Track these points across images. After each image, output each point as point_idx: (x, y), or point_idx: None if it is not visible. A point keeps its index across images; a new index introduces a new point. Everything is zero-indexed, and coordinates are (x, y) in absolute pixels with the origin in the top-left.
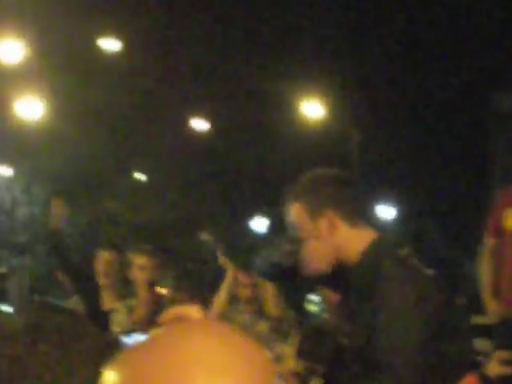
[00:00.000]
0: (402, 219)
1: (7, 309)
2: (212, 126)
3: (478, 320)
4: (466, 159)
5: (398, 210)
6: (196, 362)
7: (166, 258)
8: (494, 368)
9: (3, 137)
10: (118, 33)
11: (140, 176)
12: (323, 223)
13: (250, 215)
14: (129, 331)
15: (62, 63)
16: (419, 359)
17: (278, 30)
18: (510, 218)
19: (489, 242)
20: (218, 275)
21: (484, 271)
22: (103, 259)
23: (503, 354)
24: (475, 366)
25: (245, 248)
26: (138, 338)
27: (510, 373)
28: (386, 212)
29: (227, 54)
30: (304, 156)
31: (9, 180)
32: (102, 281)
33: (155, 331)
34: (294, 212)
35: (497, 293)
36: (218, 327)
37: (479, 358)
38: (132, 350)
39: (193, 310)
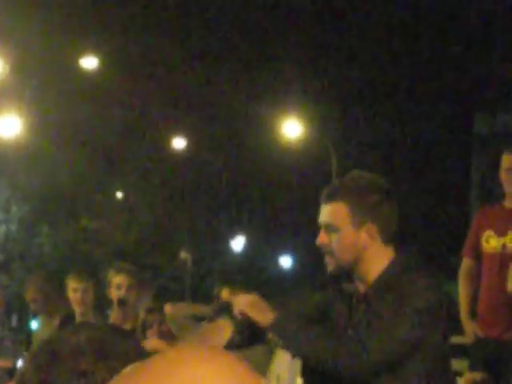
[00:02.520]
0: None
1: None
2: (191, 146)
3: (455, 340)
4: (447, 181)
5: None
6: None
7: (143, 277)
8: None
9: None
10: (96, 52)
11: (119, 195)
12: (363, 233)
13: (231, 234)
14: None
15: (41, 81)
16: (409, 355)
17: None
18: (488, 240)
19: (466, 262)
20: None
21: (461, 292)
22: (71, 288)
23: (473, 376)
24: None
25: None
26: None
27: None
28: None
29: (207, 74)
30: (283, 174)
31: None
32: (76, 309)
33: (151, 357)
34: (336, 212)
35: (473, 313)
36: (212, 353)
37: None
38: (126, 376)
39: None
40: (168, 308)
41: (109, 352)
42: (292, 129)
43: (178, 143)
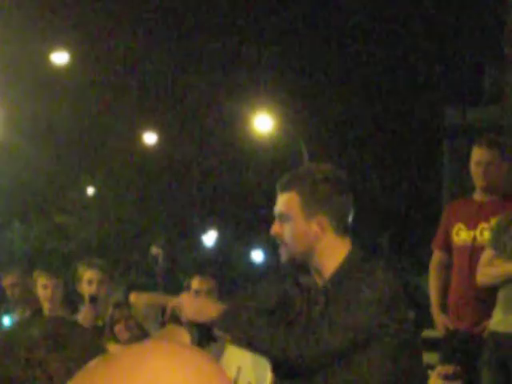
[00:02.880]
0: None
1: None
2: (162, 140)
3: (427, 333)
4: (419, 175)
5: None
6: (154, 383)
7: (114, 273)
8: (434, 382)
9: None
10: (68, 47)
11: (90, 190)
12: (314, 225)
13: (203, 229)
14: None
15: (11, 76)
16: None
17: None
18: (458, 233)
19: (436, 255)
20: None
21: (432, 285)
22: (40, 284)
23: (445, 369)
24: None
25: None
26: None
27: None
28: None
29: (179, 68)
30: (255, 168)
31: None
32: (44, 305)
33: (114, 352)
34: (288, 201)
35: (444, 306)
36: (176, 347)
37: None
38: (90, 370)
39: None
40: (132, 297)
41: (62, 343)
42: (264, 123)
43: (149, 138)
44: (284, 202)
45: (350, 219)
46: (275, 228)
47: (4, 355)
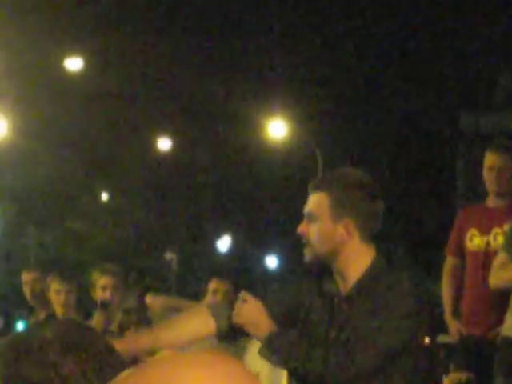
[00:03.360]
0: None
1: None
2: (177, 145)
3: (442, 339)
4: (432, 178)
5: None
6: None
7: (128, 278)
8: None
9: None
10: (83, 53)
11: (105, 196)
12: (341, 228)
13: (217, 235)
14: None
15: (27, 82)
16: (388, 365)
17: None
18: (471, 238)
19: (449, 261)
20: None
21: (445, 290)
22: (54, 289)
23: (457, 376)
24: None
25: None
26: None
27: None
28: None
29: (193, 75)
30: (269, 174)
31: None
32: (58, 310)
33: (146, 363)
34: (318, 201)
35: (458, 312)
36: (212, 358)
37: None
38: (126, 379)
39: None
40: (148, 298)
41: (76, 345)
42: (278, 129)
43: (164, 144)
44: (314, 201)
45: (377, 227)
46: (302, 227)
47: (18, 356)
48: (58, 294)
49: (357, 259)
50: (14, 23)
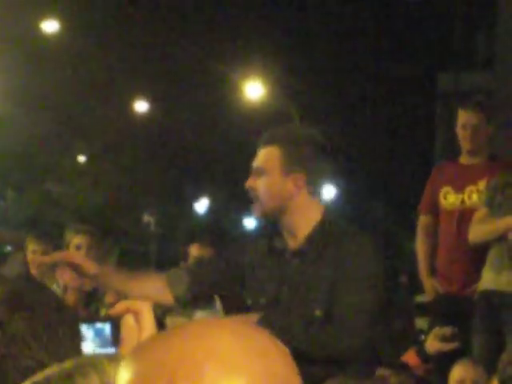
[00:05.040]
0: (343, 197)
1: None
2: (154, 108)
3: (417, 298)
4: (411, 137)
5: (340, 189)
6: (210, 356)
7: (105, 239)
8: (432, 345)
9: None
10: (59, 15)
11: (83, 158)
12: (290, 182)
13: (195, 197)
14: None
15: (2, 46)
16: (374, 319)
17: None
18: (446, 196)
19: (423, 220)
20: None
21: (419, 249)
22: (30, 250)
23: (441, 331)
24: (416, 343)
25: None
26: None
27: (448, 349)
28: (326, 192)
29: (169, 34)
30: (247, 136)
31: None
32: (33, 271)
33: (175, 327)
34: (268, 155)
35: (433, 271)
36: (240, 325)
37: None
38: (147, 343)
39: (143, 307)
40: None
41: (24, 303)
42: (255, 90)
43: (141, 106)
44: (264, 155)
45: (325, 183)
46: (250, 181)
47: None
48: (33, 254)
49: (305, 214)
50: None
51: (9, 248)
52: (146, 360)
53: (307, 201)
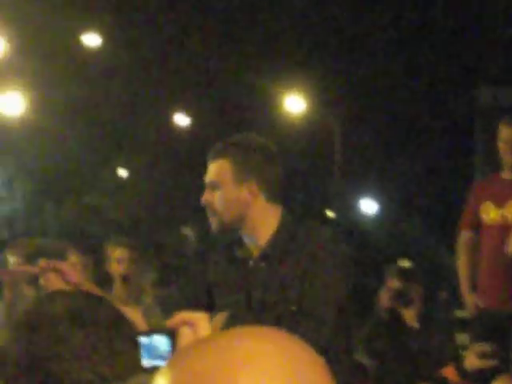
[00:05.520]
0: (383, 212)
1: None
2: (194, 121)
3: (458, 314)
4: (450, 153)
5: (380, 204)
6: (245, 366)
7: (145, 252)
8: (471, 361)
9: None
10: (99, 28)
11: (123, 171)
12: (245, 191)
13: None
14: None
15: (44, 58)
16: (340, 314)
17: (260, 27)
18: (487, 211)
19: (464, 234)
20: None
21: (460, 265)
22: (72, 262)
23: (481, 348)
24: (455, 358)
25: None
26: None
27: (487, 366)
28: (368, 205)
29: (210, 49)
30: (287, 149)
31: None
32: None
33: (209, 334)
34: (219, 168)
35: (474, 286)
36: (274, 333)
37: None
38: (183, 353)
39: (200, 318)
40: None
41: (85, 318)
42: (295, 104)
43: (182, 120)
44: (215, 169)
45: (280, 188)
46: (206, 196)
47: (27, 332)
48: (74, 266)
49: (265, 219)
50: (30, 1)
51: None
52: (183, 370)
53: (264, 206)
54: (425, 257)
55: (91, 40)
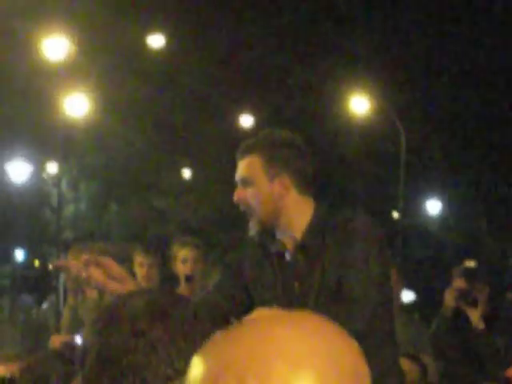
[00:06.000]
0: (448, 213)
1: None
2: (259, 123)
3: None
4: None
5: (445, 205)
6: (279, 354)
7: (210, 253)
8: None
9: (50, 133)
10: (164, 30)
11: (188, 172)
12: (277, 185)
13: None
14: None
15: (108, 60)
16: (382, 298)
17: (327, 29)
18: None
19: None
20: None
21: None
22: (137, 262)
23: None
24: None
25: None
26: None
27: None
28: (433, 206)
29: (275, 51)
30: (352, 151)
31: (56, 177)
32: (141, 283)
33: (241, 323)
34: (250, 164)
35: None
36: (304, 317)
37: None
38: (216, 341)
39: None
40: None
41: (165, 312)
42: (359, 105)
43: (246, 120)
44: (245, 166)
45: (311, 180)
46: (239, 193)
47: (109, 325)
48: (140, 267)
49: (299, 211)
50: (94, 1)
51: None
52: (216, 359)
53: (297, 198)
54: (492, 257)
55: (156, 41)
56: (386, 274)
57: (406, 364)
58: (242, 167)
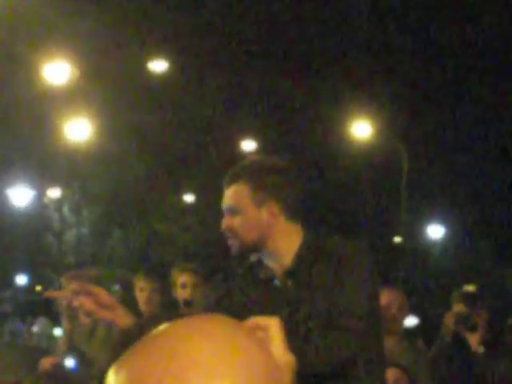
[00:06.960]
0: (451, 237)
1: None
2: (261, 147)
3: None
4: None
5: (447, 229)
6: (194, 367)
7: (215, 279)
8: None
9: (52, 158)
10: (165, 55)
11: (189, 197)
12: (265, 212)
13: None
14: None
15: (110, 84)
16: (369, 322)
17: (326, 54)
18: None
19: None
20: None
21: None
22: (138, 287)
23: None
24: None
25: None
26: None
27: None
28: (435, 231)
29: (277, 75)
30: (354, 175)
31: (58, 201)
32: (142, 308)
33: (157, 329)
34: (237, 193)
35: None
36: (223, 328)
37: None
38: (132, 352)
39: (272, 323)
40: None
41: None
42: (362, 130)
43: (247, 145)
44: (232, 194)
45: (300, 206)
46: (226, 222)
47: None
48: (141, 291)
49: (287, 238)
50: (96, 27)
51: (116, 287)
52: (134, 367)
53: (286, 225)
54: (492, 281)
55: (158, 66)
56: (374, 299)
57: (395, 373)
58: (229, 196)
